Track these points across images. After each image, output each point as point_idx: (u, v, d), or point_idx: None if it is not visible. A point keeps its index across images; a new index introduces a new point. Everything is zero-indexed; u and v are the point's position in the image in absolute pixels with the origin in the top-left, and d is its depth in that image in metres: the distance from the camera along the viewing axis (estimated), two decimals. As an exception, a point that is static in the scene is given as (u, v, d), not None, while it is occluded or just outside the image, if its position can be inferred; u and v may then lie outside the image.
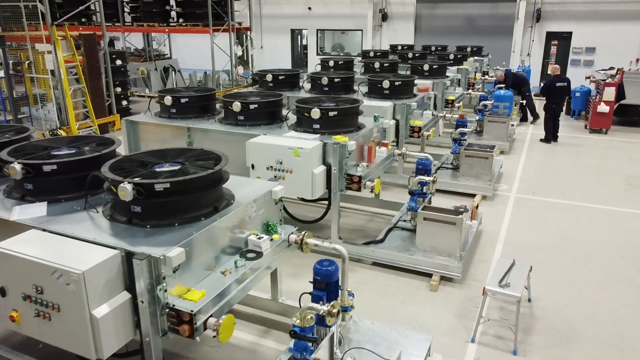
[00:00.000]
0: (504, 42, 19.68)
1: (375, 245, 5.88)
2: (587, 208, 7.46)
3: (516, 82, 13.02)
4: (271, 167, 5.28)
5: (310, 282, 3.51)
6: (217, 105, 6.74)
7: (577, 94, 13.50)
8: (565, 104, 11.57)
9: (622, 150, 10.75)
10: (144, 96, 17.00)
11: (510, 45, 19.82)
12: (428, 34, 21.07)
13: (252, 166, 5.39)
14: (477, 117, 10.90)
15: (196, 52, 21.50)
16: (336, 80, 8.54)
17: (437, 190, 7.78)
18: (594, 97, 12.18)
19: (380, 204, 7.23)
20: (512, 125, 12.50)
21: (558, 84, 11.20)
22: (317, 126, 5.77)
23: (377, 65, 11.00)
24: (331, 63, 11.40)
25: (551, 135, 11.29)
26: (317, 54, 23.54)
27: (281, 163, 5.26)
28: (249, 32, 17.30)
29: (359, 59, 14.20)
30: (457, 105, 10.44)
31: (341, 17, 22.36)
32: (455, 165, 8.50)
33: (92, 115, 11.34)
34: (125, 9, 17.68)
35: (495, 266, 4.74)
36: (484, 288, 4.36)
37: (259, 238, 3.52)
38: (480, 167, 7.78)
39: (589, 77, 14.18)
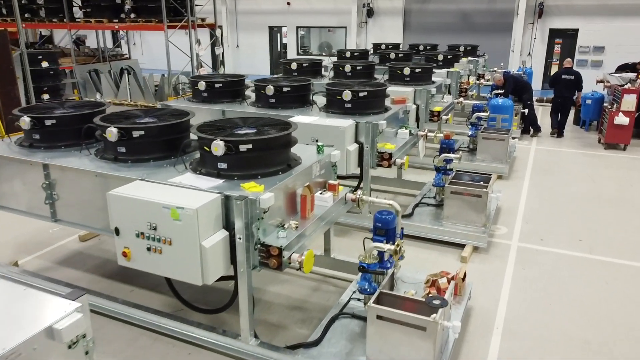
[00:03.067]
0: (502, 41, 17.69)
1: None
2: (617, 266, 5.48)
3: (517, 87, 11.03)
4: (142, 233, 3.46)
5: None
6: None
7: (588, 101, 11.50)
8: (575, 99, 11.35)
9: (647, 172, 8.80)
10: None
11: (509, 44, 17.81)
12: (418, 31, 19.07)
13: (117, 231, 3.55)
14: (470, 132, 8.92)
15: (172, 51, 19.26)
16: (285, 89, 6.58)
17: (412, 237, 5.88)
18: (609, 107, 10.19)
19: (332, 264, 5.27)
20: (514, 139, 10.55)
21: (564, 76, 11.01)
22: (224, 165, 3.84)
23: (347, 68, 9.03)
24: (294, 66, 9.42)
25: (556, 125, 11.30)
26: (298, 54, 21.53)
27: (155, 229, 3.40)
28: (214, 30, 15.28)
29: (334, 59, 12.23)
30: (444, 118, 8.45)
31: (323, 13, 20.34)
32: (438, 201, 6.52)
33: (1, 130, 9.34)
34: (77, 3, 15.61)
35: None
36: None
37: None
38: (471, 208, 5.80)
39: (601, 81, 12.19)
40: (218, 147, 3.68)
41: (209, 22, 15.39)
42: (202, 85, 6.87)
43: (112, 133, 4.04)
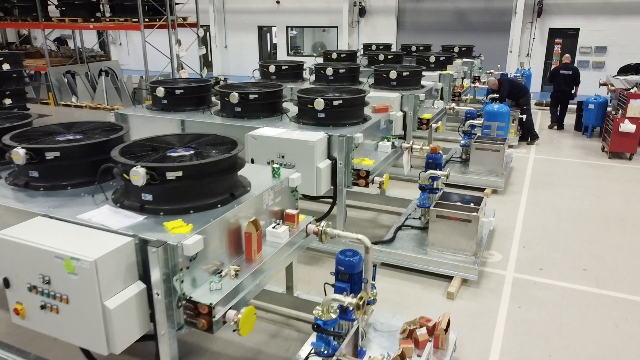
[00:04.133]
0: (499, 41, 16.95)
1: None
2: (628, 304, 4.72)
3: (513, 90, 10.28)
4: (34, 287, 2.82)
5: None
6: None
7: (590, 106, 10.75)
8: (573, 93, 11.67)
9: (656, 185, 8.04)
10: (70, 105, 14.26)
11: (507, 44, 17.06)
12: (413, 31, 18.30)
13: (6, 282, 2.85)
14: (462, 141, 8.16)
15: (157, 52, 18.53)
16: (252, 96, 5.85)
17: (393, 267, 5.12)
18: (614, 112, 9.44)
19: (295, 304, 4.51)
20: (511, 147, 9.81)
21: (562, 71, 11.43)
22: (148, 197, 3.15)
23: (329, 71, 8.29)
24: (272, 69, 8.69)
25: (556, 119, 11.80)
26: (288, 54, 20.76)
27: (49, 282, 2.72)
28: (197, 29, 14.50)
29: (320, 61, 11.48)
30: (434, 126, 7.70)
31: (314, 12, 19.56)
32: (424, 224, 5.76)
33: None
34: (52, 2, 14.84)
35: None
36: None
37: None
38: (460, 235, 5.05)
39: (604, 84, 11.44)
40: (138, 175, 2.95)
41: (191, 21, 14.63)
42: (160, 91, 6.14)
43: (18, 155, 3.33)
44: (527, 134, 10.36)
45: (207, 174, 3.21)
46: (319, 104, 5.38)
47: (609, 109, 10.65)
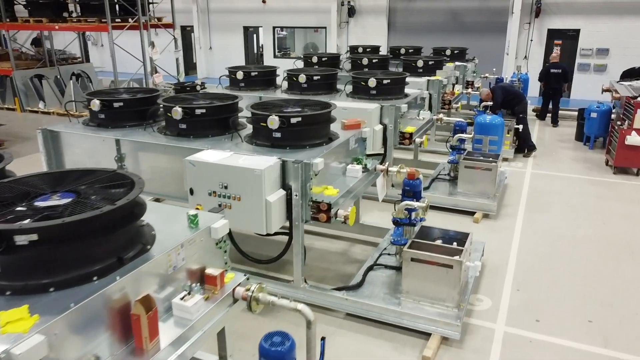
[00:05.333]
0: (495, 43, 16.09)
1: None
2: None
3: (507, 98, 9.40)
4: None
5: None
6: None
7: (593, 115, 9.87)
8: (564, 89, 12.34)
9: (667, 206, 7.16)
10: (37, 112, 13.36)
11: (503, 46, 16.18)
12: (404, 32, 17.41)
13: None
14: (450, 157, 7.28)
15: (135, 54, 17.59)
16: (199, 111, 4.98)
17: (360, 318, 4.23)
18: (619, 123, 8.56)
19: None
20: (505, 160, 8.93)
21: (552, 70, 11.81)
22: None
23: (302, 79, 7.43)
24: (240, 75, 7.80)
25: (544, 115, 12.48)
26: (275, 56, 19.87)
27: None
28: (172, 30, 13.62)
29: (301, 65, 10.61)
30: (418, 141, 6.83)
31: (301, 11, 18.65)
32: (399, 262, 4.87)
33: None
34: (18, 1, 13.93)
35: None
36: None
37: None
38: (439, 282, 4.16)
39: (607, 90, 10.57)
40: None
41: (167, 21, 13.74)
42: (95, 105, 5.29)
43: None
44: (524, 145, 9.48)
45: (79, 235, 2.34)
46: (273, 122, 4.50)
47: (612, 115, 9.81)
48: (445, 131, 10.52)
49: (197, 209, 4.37)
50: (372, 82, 6.97)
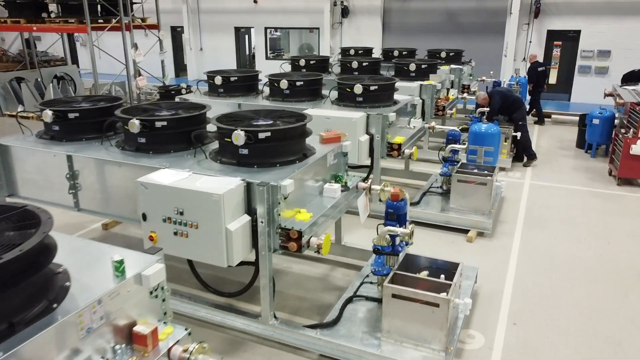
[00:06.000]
0: (493, 44, 15.58)
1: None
2: None
3: (505, 104, 8.89)
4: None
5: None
6: None
7: (595, 121, 9.35)
8: (545, 86, 12.65)
9: (676, 221, 6.64)
10: (14, 116, 12.79)
11: (501, 47, 15.66)
12: (399, 33, 16.88)
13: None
14: (442, 169, 6.77)
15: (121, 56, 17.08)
16: (159, 124, 4.52)
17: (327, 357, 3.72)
18: (623, 131, 8.05)
19: None
20: (502, 169, 8.43)
21: (540, 69, 12.32)
22: None
23: (283, 84, 6.93)
24: (218, 80, 7.29)
25: (543, 119, 12.63)
26: (267, 58, 19.34)
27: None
28: (157, 31, 13.09)
29: (288, 68, 10.08)
30: (407, 152, 6.31)
31: (294, 12, 18.12)
32: (379, 297, 4.35)
33: None
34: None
35: None
36: None
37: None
38: (424, 323, 3.64)
39: (610, 95, 10.07)
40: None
41: (151, 22, 13.22)
42: (48, 115, 4.80)
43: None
44: (523, 153, 8.97)
45: None
46: (238, 137, 4.00)
47: (616, 121, 9.32)
48: (439, 137, 10.00)
49: (151, 237, 3.91)
50: (358, 89, 6.47)
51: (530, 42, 15.37)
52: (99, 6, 12.04)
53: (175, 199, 3.65)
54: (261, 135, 4.06)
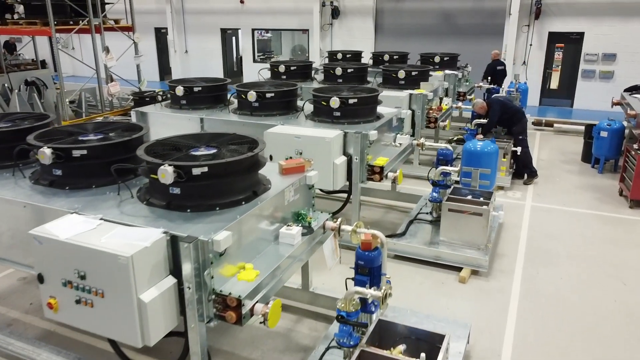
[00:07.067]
0: (491, 47, 14.69)
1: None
2: None
3: (505, 116, 8.04)
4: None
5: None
6: None
7: (603, 133, 8.50)
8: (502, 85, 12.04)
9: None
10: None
11: (499, 51, 14.79)
12: (393, 35, 16.02)
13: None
14: (431, 195, 5.93)
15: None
16: (77, 153, 3.68)
17: None
18: (636, 146, 7.20)
19: None
20: (501, 189, 7.60)
21: (499, 67, 12.38)
22: None
23: (252, 97, 6.10)
24: (180, 91, 6.44)
25: None
26: (255, 61, 18.47)
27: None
28: (131, 34, 12.24)
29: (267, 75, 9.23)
30: (391, 176, 5.46)
31: (282, 12, 17.25)
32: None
33: None
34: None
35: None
36: None
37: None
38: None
39: (618, 103, 9.22)
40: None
41: (124, 24, 12.36)
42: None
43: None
44: (523, 170, 8.12)
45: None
46: (165, 174, 3.14)
47: (626, 131, 8.49)
48: (432, 151, 9.13)
49: (50, 305, 3.06)
50: (334, 102, 5.64)
51: (531, 44, 14.53)
52: (69, 7, 11.19)
53: (75, 259, 2.81)
54: (196, 171, 3.20)
